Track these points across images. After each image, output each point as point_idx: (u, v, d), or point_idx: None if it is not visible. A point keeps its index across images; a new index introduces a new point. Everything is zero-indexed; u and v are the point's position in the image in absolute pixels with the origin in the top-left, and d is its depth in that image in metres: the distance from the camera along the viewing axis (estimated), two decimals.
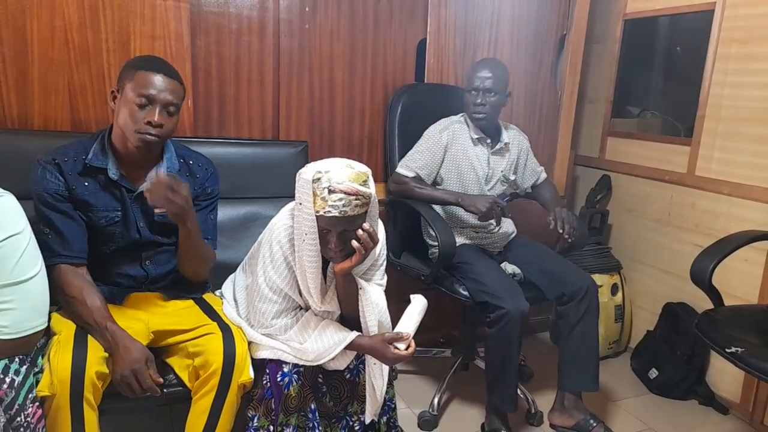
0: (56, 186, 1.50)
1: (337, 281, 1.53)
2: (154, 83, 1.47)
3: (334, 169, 1.39)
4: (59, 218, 1.50)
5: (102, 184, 1.55)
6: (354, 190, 1.37)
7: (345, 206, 1.37)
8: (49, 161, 1.51)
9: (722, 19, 2.36)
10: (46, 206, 1.49)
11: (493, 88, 2.11)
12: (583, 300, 2.02)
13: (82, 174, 1.53)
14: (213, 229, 1.74)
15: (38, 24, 1.83)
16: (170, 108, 1.50)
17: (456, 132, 2.20)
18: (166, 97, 1.48)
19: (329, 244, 1.43)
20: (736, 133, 2.34)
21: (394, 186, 2.20)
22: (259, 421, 1.50)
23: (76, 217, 1.53)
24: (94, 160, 1.53)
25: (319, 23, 2.26)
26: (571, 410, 2.08)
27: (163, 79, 1.49)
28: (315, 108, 2.33)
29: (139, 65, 1.51)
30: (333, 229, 1.41)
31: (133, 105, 1.47)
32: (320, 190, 1.38)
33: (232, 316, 1.64)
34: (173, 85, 1.51)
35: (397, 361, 1.51)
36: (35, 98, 1.87)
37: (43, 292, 1.34)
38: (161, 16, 1.97)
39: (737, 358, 1.65)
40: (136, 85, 1.47)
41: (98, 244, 1.58)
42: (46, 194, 1.49)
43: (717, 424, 2.33)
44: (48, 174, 1.50)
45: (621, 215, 2.90)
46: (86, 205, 1.54)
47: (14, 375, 1.26)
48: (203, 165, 1.72)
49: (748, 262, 2.26)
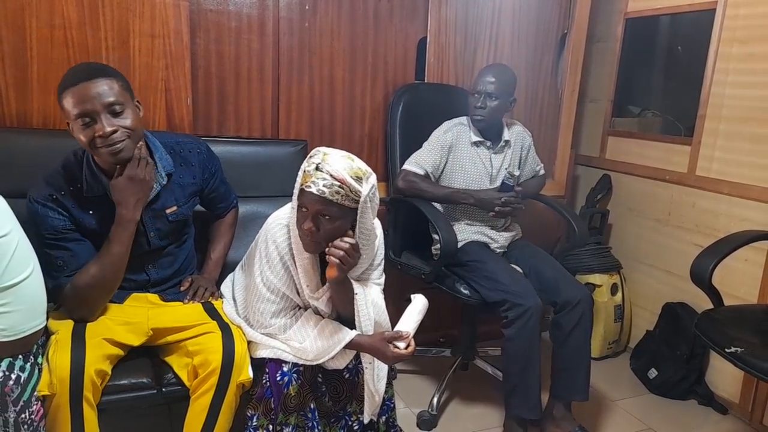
0: (63, 222, 1.48)
1: (330, 286, 1.52)
2: (84, 96, 1.37)
3: (333, 153, 1.40)
4: (72, 245, 1.49)
5: (105, 209, 1.51)
6: (340, 177, 1.35)
7: (325, 187, 1.35)
8: (47, 198, 1.46)
9: (723, 18, 2.36)
10: (58, 240, 1.47)
11: (494, 92, 2.12)
12: (575, 310, 1.99)
13: (83, 205, 1.50)
14: (231, 191, 1.88)
15: (37, 22, 1.82)
16: (114, 108, 1.40)
17: (459, 133, 2.21)
18: (100, 102, 1.37)
19: (303, 224, 1.41)
20: (736, 132, 2.33)
21: (403, 183, 2.17)
22: (258, 420, 1.50)
23: (85, 241, 1.52)
24: (91, 191, 1.50)
25: (319, 21, 2.26)
26: (559, 420, 2.06)
27: (88, 85, 1.37)
28: (315, 107, 2.32)
29: (66, 85, 1.39)
30: (309, 208, 1.39)
31: (79, 128, 1.39)
32: (309, 165, 1.38)
33: (231, 315, 1.64)
34: (103, 85, 1.39)
35: (397, 360, 1.52)
36: (34, 96, 1.87)
37: (38, 292, 1.34)
38: (161, 15, 1.96)
39: (737, 358, 1.64)
40: (71, 108, 1.38)
41: None
42: (54, 232, 1.47)
43: (716, 423, 2.33)
44: (50, 212, 1.46)
45: (621, 215, 2.90)
46: (95, 234, 1.52)
47: (20, 371, 1.27)
48: (194, 149, 1.70)
49: (748, 261, 2.26)
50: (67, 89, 1.39)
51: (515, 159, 2.29)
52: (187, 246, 1.75)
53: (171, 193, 1.63)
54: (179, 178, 1.65)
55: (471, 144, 2.21)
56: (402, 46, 2.44)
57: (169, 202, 1.62)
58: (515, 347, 1.96)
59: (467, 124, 2.24)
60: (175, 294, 1.67)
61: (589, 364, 2.05)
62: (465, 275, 2.09)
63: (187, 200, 1.68)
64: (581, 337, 2.02)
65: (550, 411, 2.09)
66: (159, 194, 1.59)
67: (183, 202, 1.66)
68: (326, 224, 1.40)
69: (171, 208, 1.62)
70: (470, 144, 2.21)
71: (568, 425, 2.04)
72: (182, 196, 1.66)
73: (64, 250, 1.47)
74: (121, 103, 1.41)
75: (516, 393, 1.99)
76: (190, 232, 1.78)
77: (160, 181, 1.58)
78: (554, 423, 2.07)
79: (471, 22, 2.54)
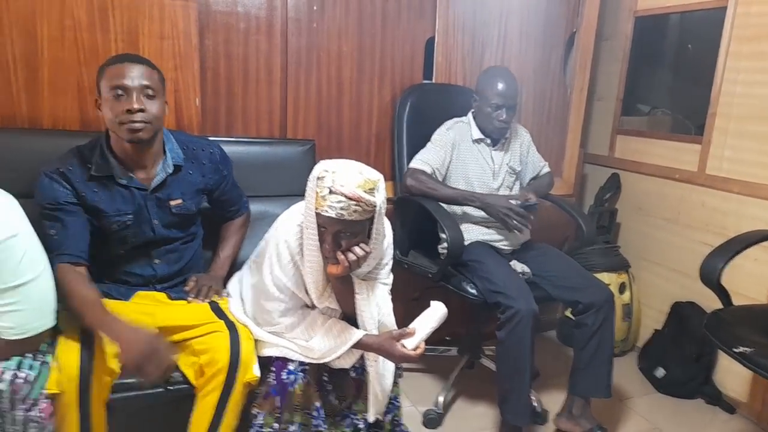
0: (65, 194, 1.51)
1: (333, 283, 1.53)
2: (123, 73, 1.47)
3: (342, 170, 1.38)
4: (68, 217, 1.51)
5: (111, 188, 1.56)
6: (356, 196, 1.35)
7: (343, 209, 1.35)
8: (55, 171, 1.52)
9: (734, 16, 2.33)
10: (55, 210, 1.50)
11: (514, 105, 2.17)
12: (601, 310, 2.00)
13: (89, 180, 1.54)
14: (242, 195, 1.91)
15: (48, 24, 1.84)
16: (148, 91, 1.50)
17: (460, 130, 2.23)
18: (139, 82, 1.48)
19: (324, 243, 1.43)
20: (747, 131, 2.31)
21: (411, 181, 2.16)
22: (263, 418, 1.51)
23: (84, 219, 1.54)
24: (99, 171, 1.54)
25: (327, 22, 2.26)
26: (578, 418, 2.06)
27: (130, 66, 1.49)
28: (323, 107, 2.33)
29: (107, 63, 1.51)
30: (328, 228, 1.40)
31: (111, 100, 1.48)
32: (321, 189, 1.37)
33: (238, 314, 1.65)
34: (143, 70, 1.50)
35: (404, 360, 1.51)
36: (45, 98, 1.89)
37: (47, 293, 1.35)
38: (170, 16, 1.98)
39: (745, 358, 1.63)
40: (108, 81, 1.48)
41: (112, 246, 1.60)
42: (55, 203, 1.49)
43: (724, 423, 2.32)
44: (55, 184, 1.51)
45: (630, 214, 2.89)
46: (97, 211, 1.55)
47: (28, 370, 1.29)
48: (206, 148, 1.74)
49: (758, 261, 2.24)
50: (112, 65, 1.50)
51: (515, 155, 2.30)
52: (194, 245, 1.77)
53: (178, 185, 1.66)
54: (188, 173, 1.68)
55: (472, 141, 2.23)
56: (410, 46, 2.44)
57: (174, 194, 1.65)
58: (506, 350, 1.95)
59: (467, 122, 2.25)
60: (181, 292, 1.69)
61: (612, 362, 2.05)
62: (466, 274, 2.10)
63: (193, 196, 1.70)
64: (607, 336, 2.02)
65: (568, 408, 2.09)
66: (165, 183, 1.62)
67: (189, 197, 1.68)
68: (349, 240, 1.41)
69: (176, 200, 1.65)
70: (471, 141, 2.23)
71: (587, 423, 2.04)
72: (189, 191, 1.68)
73: (58, 222, 1.49)
74: (155, 90, 1.52)
75: (507, 398, 1.98)
76: (198, 232, 1.80)
77: (167, 170, 1.62)
78: (573, 420, 2.07)
79: (479, 22, 2.53)
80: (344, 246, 1.42)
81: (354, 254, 1.42)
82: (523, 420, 1.99)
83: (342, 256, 1.42)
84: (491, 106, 2.15)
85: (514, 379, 1.96)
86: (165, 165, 1.62)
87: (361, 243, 1.44)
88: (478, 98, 2.20)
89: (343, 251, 1.42)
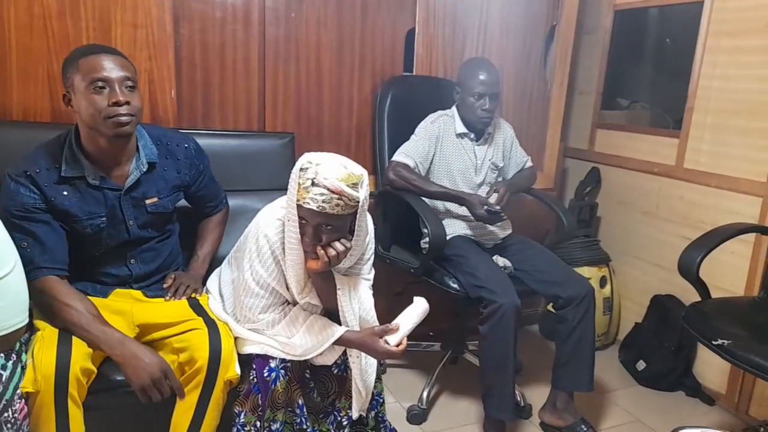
0: (32, 200, 1.43)
1: (314, 279, 1.51)
2: (102, 64, 1.40)
3: (326, 163, 1.36)
4: (39, 228, 1.43)
5: (82, 190, 1.49)
6: (338, 189, 1.33)
7: (325, 202, 1.33)
8: (21, 174, 1.43)
9: (711, 11, 2.35)
10: (23, 219, 1.42)
11: (496, 92, 2.15)
12: (581, 304, 2.00)
13: (59, 183, 1.46)
14: (221, 190, 1.85)
15: (16, 11, 1.77)
16: (129, 83, 1.43)
17: (444, 123, 2.21)
18: (119, 73, 1.41)
19: (304, 236, 1.40)
20: (724, 125, 2.33)
21: (393, 176, 2.14)
22: (245, 417, 1.49)
23: (56, 227, 1.46)
24: (69, 171, 1.46)
25: (305, 11, 2.22)
26: (562, 411, 2.06)
27: (109, 57, 1.42)
28: (302, 99, 2.29)
29: (79, 55, 1.42)
30: (309, 221, 1.38)
31: (90, 95, 1.40)
32: (304, 180, 1.35)
33: (217, 311, 1.61)
34: (121, 61, 1.44)
35: (386, 356, 1.50)
36: (14, 88, 1.82)
37: (19, 289, 1.30)
38: (143, 4, 1.92)
39: (723, 351, 1.65)
40: (85, 74, 1.39)
41: (86, 249, 1.54)
42: (22, 210, 1.42)
43: (704, 414, 2.34)
44: (22, 188, 1.42)
45: (610, 207, 2.90)
46: (67, 215, 1.48)
47: (1, 370, 1.24)
48: (181, 143, 1.68)
49: (735, 254, 2.27)
50: (86, 56, 1.41)
51: (498, 151, 2.29)
52: (170, 242, 1.72)
53: (153, 183, 1.60)
54: (163, 170, 1.62)
55: (456, 135, 2.21)
56: (390, 37, 2.41)
57: (150, 193, 1.59)
58: (489, 344, 1.96)
59: (452, 115, 2.24)
60: (158, 290, 1.64)
61: (593, 356, 2.05)
62: (449, 269, 2.08)
63: (169, 193, 1.64)
64: (587, 330, 2.02)
65: (552, 402, 2.10)
66: (139, 182, 1.56)
67: (165, 194, 1.63)
68: (329, 234, 1.39)
69: (151, 198, 1.59)
70: (455, 135, 2.21)
71: (570, 416, 2.05)
72: (164, 188, 1.63)
73: (29, 234, 1.42)
74: (134, 81, 1.46)
75: (491, 393, 1.99)
76: (174, 228, 1.75)
77: (141, 168, 1.55)
78: (557, 414, 2.08)
79: (460, 13, 2.51)
80: (324, 241, 1.40)
81: (334, 249, 1.40)
82: (507, 414, 1.99)
83: (322, 251, 1.40)
84: (474, 96, 2.13)
85: (498, 374, 1.96)
86: (139, 163, 1.55)
87: (341, 239, 1.42)
88: (461, 89, 2.19)
89: (323, 246, 1.40)
